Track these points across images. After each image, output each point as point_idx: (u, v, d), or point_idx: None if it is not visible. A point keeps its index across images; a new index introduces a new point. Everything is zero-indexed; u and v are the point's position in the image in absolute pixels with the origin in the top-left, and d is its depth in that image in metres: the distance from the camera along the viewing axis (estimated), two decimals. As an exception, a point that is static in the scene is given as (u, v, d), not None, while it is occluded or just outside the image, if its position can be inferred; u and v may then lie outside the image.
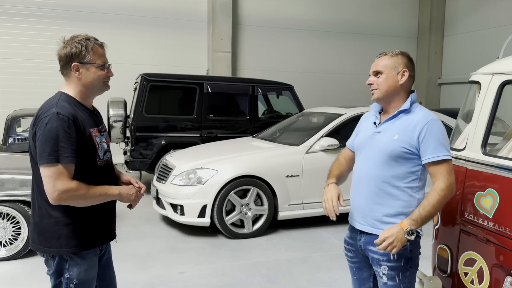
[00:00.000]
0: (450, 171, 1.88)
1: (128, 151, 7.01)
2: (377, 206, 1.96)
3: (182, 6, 10.11)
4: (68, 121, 1.75)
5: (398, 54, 2.02)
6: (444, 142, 1.89)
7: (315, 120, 5.90)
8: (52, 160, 1.71)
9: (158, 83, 6.92)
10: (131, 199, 1.98)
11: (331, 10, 11.54)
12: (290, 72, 10.74)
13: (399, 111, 1.97)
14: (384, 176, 1.94)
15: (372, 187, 1.97)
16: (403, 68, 1.98)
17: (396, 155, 1.91)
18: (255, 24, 10.74)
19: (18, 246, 4.02)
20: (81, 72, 1.86)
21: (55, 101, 1.82)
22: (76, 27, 9.41)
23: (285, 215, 4.94)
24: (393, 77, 1.97)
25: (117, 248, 4.37)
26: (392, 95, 1.98)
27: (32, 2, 9.16)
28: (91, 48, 1.87)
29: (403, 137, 1.91)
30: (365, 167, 2.02)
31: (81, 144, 1.80)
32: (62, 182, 1.72)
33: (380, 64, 2.01)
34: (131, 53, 9.79)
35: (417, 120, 1.91)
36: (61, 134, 1.73)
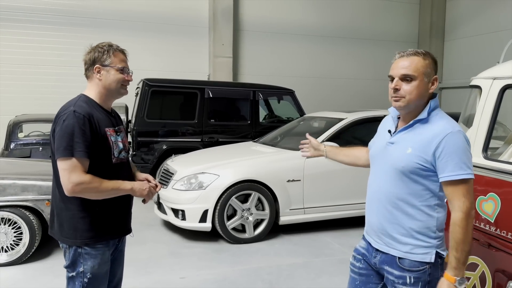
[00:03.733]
0: (468, 192, 1.66)
1: (130, 156, 7.02)
2: (391, 225, 1.79)
3: (183, 12, 10.16)
4: (83, 119, 1.89)
5: (428, 55, 1.77)
6: (465, 158, 1.66)
7: (316, 124, 5.91)
8: (67, 154, 1.84)
9: (159, 88, 6.94)
10: (144, 194, 2.06)
11: (330, 15, 11.58)
12: (290, 77, 10.76)
13: (415, 120, 1.76)
14: (398, 193, 1.76)
15: (385, 204, 1.80)
16: (434, 75, 1.76)
17: (409, 171, 1.72)
18: (256, 29, 10.78)
19: (19, 251, 4.02)
20: (102, 74, 2.01)
21: (74, 101, 1.98)
22: (79, 33, 9.50)
23: (287, 220, 4.93)
24: (425, 85, 1.73)
25: (118, 253, 4.39)
26: (418, 103, 1.75)
27: (34, 9, 9.21)
28: (112, 53, 2.03)
29: (417, 151, 1.70)
30: (378, 182, 1.85)
31: (95, 141, 1.93)
32: (76, 174, 1.84)
33: (412, 67, 1.73)
34: (132, 59, 9.63)
35: (435, 132, 1.69)
36: (76, 130, 1.86)
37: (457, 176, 1.65)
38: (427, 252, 1.74)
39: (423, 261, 1.74)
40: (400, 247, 1.77)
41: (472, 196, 1.68)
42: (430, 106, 1.74)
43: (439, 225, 1.74)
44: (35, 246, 4.09)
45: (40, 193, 4.08)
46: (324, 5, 11.48)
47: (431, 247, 1.75)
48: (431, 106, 1.75)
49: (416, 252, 1.75)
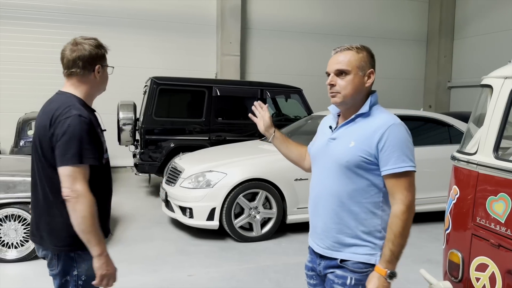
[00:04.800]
0: (410, 185, 1.63)
1: (137, 154, 7.05)
2: (337, 226, 1.71)
3: (191, 11, 10.18)
4: (89, 123, 1.81)
5: (363, 49, 1.75)
6: (407, 151, 1.63)
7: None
8: (76, 161, 1.74)
9: (167, 87, 6.96)
10: (102, 274, 1.80)
11: (338, 13, 11.53)
12: (298, 75, 10.73)
13: (357, 114, 1.73)
14: (343, 191, 1.69)
15: (330, 204, 1.72)
16: (370, 69, 1.74)
17: (353, 165, 1.66)
18: (264, 27, 10.76)
19: (29, 248, 4.06)
20: (99, 74, 1.94)
21: (71, 103, 1.84)
22: (85, 31, 9.45)
23: (294, 218, 4.93)
24: (360, 79, 1.71)
25: (126, 251, 4.43)
26: (355, 98, 1.73)
27: (44, 7, 9.27)
28: (106, 52, 2.00)
29: (360, 144, 1.66)
30: (322, 181, 1.77)
31: (98, 144, 1.87)
32: (80, 184, 1.74)
33: (345, 61, 1.71)
34: (140, 57, 9.86)
35: (378, 124, 1.66)
36: (84, 136, 1.77)
37: (400, 169, 1.62)
38: (373, 254, 1.69)
39: (367, 263, 1.68)
40: (344, 249, 1.71)
41: (414, 189, 1.66)
42: (371, 101, 1.73)
43: (385, 225, 1.68)
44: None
45: (50, 190, 4.11)
46: (331, 3, 11.43)
47: (376, 248, 1.69)
48: (372, 101, 1.73)
49: (361, 253, 1.69)
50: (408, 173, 1.63)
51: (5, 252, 4.03)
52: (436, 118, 5.76)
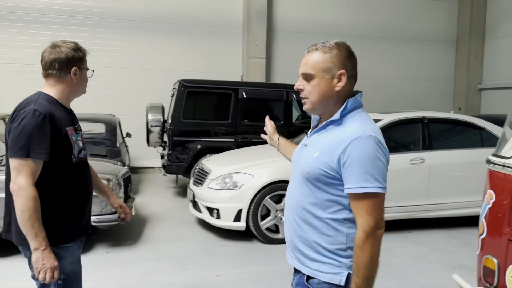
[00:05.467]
0: (373, 208, 1.42)
1: (165, 155, 7.18)
2: (299, 238, 1.59)
3: (218, 14, 10.29)
4: (44, 118, 1.80)
5: (332, 48, 1.52)
6: (371, 168, 1.41)
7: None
8: (22, 154, 1.75)
9: (195, 89, 7.05)
10: (38, 267, 1.76)
11: (365, 15, 11.41)
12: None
13: (328, 121, 1.55)
14: (304, 202, 1.55)
15: (294, 215, 1.60)
16: (339, 70, 1.51)
17: (313, 177, 1.51)
18: (289, 29, 10.76)
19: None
20: (77, 76, 1.98)
21: (34, 99, 1.88)
22: (114, 35, 9.79)
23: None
24: (327, 82, 1.52)
25: (154, 250, 4.51)
26: (327, 104, 1.55)
27: (68, 11, 9.55)
28: (85, 54, 2.04)
29: (323, 156, 1.49)
30: (290, 190, 1.65)
31: (56, 141, 1.84)
32: (24, 178, 1.74)
33: (310, 63, 1.53)
34: (167, 60, 10.03)
35: (343, 136, 1.46)
36: (35, 130, 1.77)
37: (360, 189, 1.41)
38: (337, 273, 1.51)
39: (331, 283, 1.52)
40: (309, 264, 1.57)
41: (379, 213, 1.43)
42: (345, 107, 1.52)
43: (351, 243, 1.50)
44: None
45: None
46: (359, 4, 11.34)
47: (341, 267, 1.51)
48: (347, 106, 1.52)
49: (324, 271, 1.53)
50: (371, 194, 1.42)
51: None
52: (467, 120, 5.63)
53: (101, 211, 4.33)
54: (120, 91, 9.77)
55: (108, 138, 6.94)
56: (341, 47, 1.53)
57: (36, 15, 9.32)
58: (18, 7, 9.23)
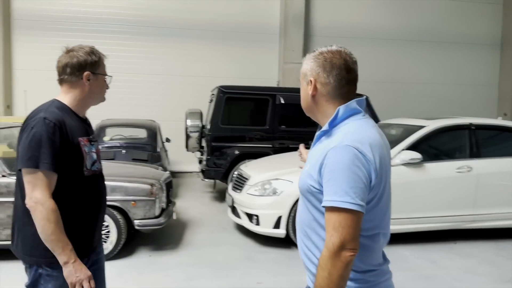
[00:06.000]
0: (340, 225, 1.27)
1: (203, 160, 7.25)
2: (305, 256, 1.51)
3: (255, 20, 10.35)
4: (54, 127, 1.70)
5: (314, 56, 1.50)
6: (342, 180, 1.29)
7: (393, 132, 5.70)
8: (31, 164, 1.66)
9: (233, 95, 7.11)
10: (73, 282, 1.69)
11: (404, 18, 11.16)
12: (361, 82, 10.31)
13: (321, 132, 1.48)
14: (305, 219, 1.49)
15: (299, 232, 1.54)
16: (311, 76, 1.47)
17: (305, 191, 1.45)
18: (327, 34, 10.68)
19: (107, 248, 4.29)
20: (91, 81, 1.86)
21: (45, 107, 1.79)
22: (154, 42, 10.03)
23: (362, 230, 4.79)
24: (304, 88, 1.52)
25: (195, 254, 4.55)
26: (311, 110, 1.52)
27: (111, 19, 9.87)
28: (102, 60, 1.92)
29: (310, 169, 1.42)
30: (298, 207, 1.60)
31: (66, 151, 1.74)
32: (40, 191, 1.66)
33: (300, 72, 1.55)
34: (205, 66, 10.18)
35: (326, 146, 1.38)
36: (44, 139, 1.68)
37: (329, 202, 1.29)
38: None
39: None
40: None
41: (348, 232, 1.27)
42: (335, 115, 1.43)
43: (355, 266, 1.36)
44: (121, 244, 4.35)
45: (127, 194, 4.34)
46: (397, 7, 11.11)
47: None
48: (338, 115, 1.43)
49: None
50: (339, 209, 1.28)
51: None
52: (518, 127, 5.37)
53: (144, 215, 4.41)
54: (159, 97, 10.00)
55: (149, 143, 7.10)
56: (321, 55, 1.47)
57: (81, 23, 9.70)
58: (63, 16, 9.63)
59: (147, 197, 4.41)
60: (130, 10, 9.91)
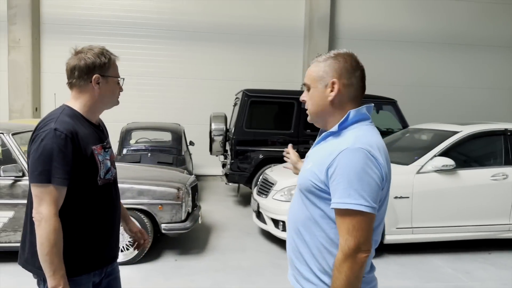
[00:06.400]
0: (355, 228, 1.29)
1: (227, 164, 7.22)
2: (295, 254, 1.50)
3: (279, 23, 10.29)
4: (65, 138, 1.61)
5: (329, 57, 1.47)
6: (356, 183, 1.29)
7: (424, 137, 5.54)
8: (43, 179, 1.58)
9: (258, 99, 7.05)
10: None
11: (433, 20, 10.89)
12: (388, 86, 10.32)
13: (327, 132, 1.47)
14: (299, 217, 1.47)
15: (291, 231, 1.53)
16: (331, 78, 1.44)
17: (305, 189, 1.44)
18: (352, 37, 10.53)
19: (133, 252, 4.28)
20: (101, 84, 1.74)
21: (55, 115, 1.69)
22: (181, 46, 10.08)
23: (392, 239, 4.66)
24: (319, 92, 1.46)
25: (221, 260, 4.50)
26: (323, 114, 1.49)
27: (136, 23, 9.97)
28: (113, 62, 1.79)
29: (314, 168, 1.41)
30: (291, 204, 1.59)
31: (79, 163, 1.65)
32: (47, 207, 1.58)
33: (307, 74, 1.51)
34: (229, 70, 10.17)
35: (334, 147, 1.38)
36: (55, 152, 1.59)
37: (342, 205, 1.30)
38: None
39: None
40: (304, 283, 1.47)
41: (362, 234, 1.29)
42: (346, 118, 1.42)
43: None
44: (147, 248, 4.34)
45: (154, 197, 4.33)
46: (425, 10, 10.85)
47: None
48: (348, 118, 1.42)
49: None
50: (353, 212, 1.28)
51: (113, 254, 4.28)
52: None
53: (171, 219, 4.39)
54: (183, 100, 10.04)
55: (174, 146, 7.10)
56: (339, 57, 1.46)
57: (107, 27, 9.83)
58: (90, 20, 9.78)
59: (174, 201, 4.39)
60: (155, 14, 9.99)
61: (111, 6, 9.84)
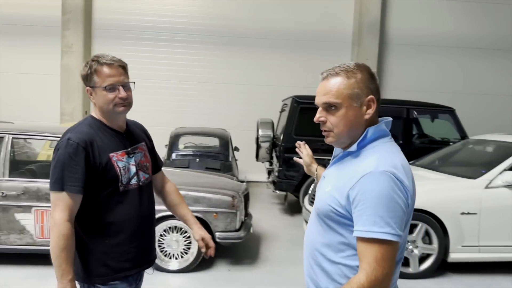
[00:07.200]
0: (383, 258, 1.21)
1: (274, 171, 7.09)
2: (312, 282, 1.43)
3: (326, 29, 10.10)
4: (76, 147, 1.67)
5: (356, 71, 1.36)
6: (383, 210, 1.21)
7: (489, 149, 5.20)
8: (57, 187, 1.67)
9: (307, 105, 6.88)
10: None
11: (489, 25, 10.35)
12: (440, 93, 9.90)
13: (345, 152, 1.39)
14: (316, 242, 1.40)
15: (307, 255, 1.46)
16: (368, 95, 1.35)
17: (323, 214, 1.36)
18: (403, 42, 10.18)
19: (188, 259, 4.23)
20: (93, 95, 1.76)
21: (75, 126, 1.78)
22: (226, 51, 10.09)
23: (457, 257, 4.36)
24: (356, 111, 1.35)
25: (276, 273, 4.36)
26: (353, 135, 1.38)
27: (186, 29, 10.04)
28: (95, 70, 1.72)
29: (334, 191, 1.33)
30: (308, 226, 1.50)
31: (93, 171, 1.70)
32: (59, 213, 1.65)
33: (333, 91, 1.35)
34: (274, 75, 10.06)
35: (355, 170, 1.30)
36: (67, 161, 1.66)
37: (367, 233, 1.22)
38: None
39: None
40: None
41: (390, 265, 1.22)
42: (365, 136, 1.35)
43: None
44: (201, 256, 4.26)
45: (209, 205, 4.26)
46: (481, 14, 10.34)
47: None
48: (367, 136, 1.35)
49: None
50: (381, 241, 1.21)
51: (167, 263, 4.25)
52: None
53: (225, 228, 4.30)
54: (228, 106, 10.01)
55: (222, 152, 7.05)
56: (363, 70, 1.37)
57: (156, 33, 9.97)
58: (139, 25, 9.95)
59: (229, 209, 4.30)
60: (203, 20, 10.04)
61: (161, 12, 9.97)
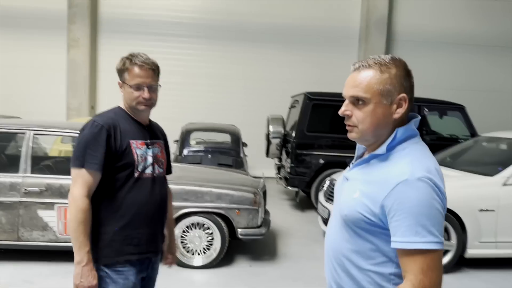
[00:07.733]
0: (429, 268, 1.14)
1: (286, 167, 7.14)
2: (336, 285, 1.37)
3: (334, 24, 10.13)
4: (101, 129, 1.77)
5: (391, 65, 1.26)
6: (423, 219, 1.14)
7: (503, 147, 5.28)
8: (77, 164, 1.75)
9: (320, 102, 6.93)
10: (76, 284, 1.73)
11: (496, 22, 10.44)
12: (448, 90, 9.98)
13: (372, 154, 1.30)
14: (343, 248, 1.32)
15: (332, 260, 1.38)
16: (400, 94, 1.25)
17: (352, 222, 1.27)
18: (410, 38, 10.24)
19: (211, 255, 4.27)
20: (122, 90, 1.88)
21: (103, 112, 1.90)
22: (235, 47, 10.09)
23: (475, 253, 4.45)
24: (385, 109, 1.26)
25: (296, 268, 4.42)
26: (380, 133, 1.29)
27: (195, 24, 10.05)
28: (126, 68, 1.84)
29: (364, 198, 1.24)
30: (329, 229, 1.43)
31: (113, 152, 1.78)
32: (77, 187, 1.73)
33: (363, 84, 1.26)
34: (282, 71, 10.10)
35: (388, 176, 1.21)
36: (90, 140, 1.76)
37: (410, 245, 1.15)
38: None
39: None
40: None
41: (438, 275, 1.15)
42: (394, 138, 1.26)
43: None
44: (224, 252, 4.31)
45: (232, 202, 4.29)
46: (488, 11, 10.42)
47: None
48: (397, 137, 1.26)
49: None
50: (425, 251, 1.14)
51: (191, 259, 4.29)
52: None
53: (247, 224, 4.34)
54: (236, 102, 10.05)
55: (233, 148, 7.07)
56: (399, 65, 1.27)
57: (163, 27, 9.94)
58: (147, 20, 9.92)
59: (251, 206, 4.34)
60: (211, 15, 10.04)
61: (168, 7, 9.95)
